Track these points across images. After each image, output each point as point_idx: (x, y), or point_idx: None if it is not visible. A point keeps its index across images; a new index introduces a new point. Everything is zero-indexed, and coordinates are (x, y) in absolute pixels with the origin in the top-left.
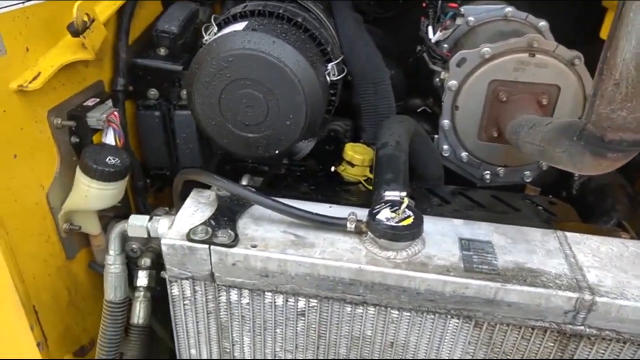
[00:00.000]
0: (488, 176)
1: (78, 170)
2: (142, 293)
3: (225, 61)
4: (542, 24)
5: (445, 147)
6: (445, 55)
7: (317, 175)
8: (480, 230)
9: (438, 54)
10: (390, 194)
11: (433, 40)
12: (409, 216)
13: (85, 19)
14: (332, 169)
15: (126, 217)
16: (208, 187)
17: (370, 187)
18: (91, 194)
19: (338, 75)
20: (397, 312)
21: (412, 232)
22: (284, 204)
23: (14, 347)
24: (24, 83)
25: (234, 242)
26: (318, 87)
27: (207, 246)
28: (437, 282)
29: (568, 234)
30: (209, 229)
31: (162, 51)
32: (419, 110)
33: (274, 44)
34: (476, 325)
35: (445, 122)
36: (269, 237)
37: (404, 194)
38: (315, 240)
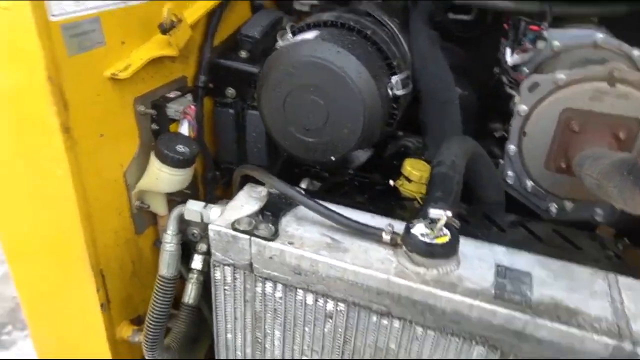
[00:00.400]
0: (554, 209)
1: (152, 154)
2: (195, 275)
3: (292, 67)
4: (637, 53)
5: (510, 173)
6: (521, 79)
7: (375, 188)
8: (522, 260)
9: (514, 77)
10: (435, 212)
11: (510, 63)
12: (445, 234)
13: (174, 19)
14: (391, 183)
15: None
16: (263, 184)
17: None
18: (161, 177)
19: (403, 90)
20: (421, 330)
21: (446, 251)
22: (324, 207)
23: (80, 306)
24: (116, 72)
25: (273, 237)
26: (378, 99)
27: (248, 237)
28: (464, 305)
29: (620, 277)
30: (253, 221)
31: (243, 54)
32: (497, 135)
33: (339, 54)
34: (502, 356)
35: (511, 148)
36: (307, 237)
37: (449, 213)
38: (350, 246)
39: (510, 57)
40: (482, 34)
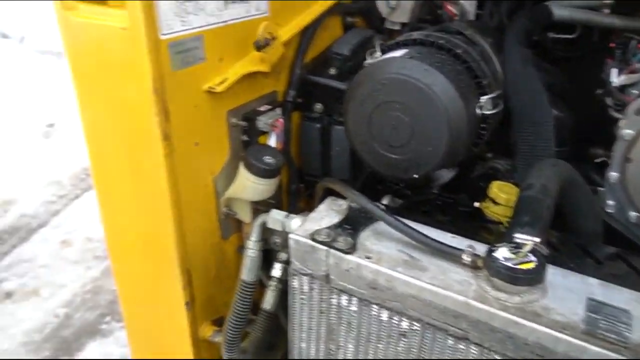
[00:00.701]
0: None
1: (241, 164)
2: (274, 283)
3: (379, 84)
4: None
5: (611, 202)
6: (628, 102)
7: (459, 209)
8: (619, 296)
9: (620, 99)
10: (521, 237)
11: (616, 84)
12: (530, 261)
13: (268, 37)
14: (476, 204)
15: None
16: (344, 197)
17: None
18: (248, 186)
19: (492, 109)
20: (500, 359)
21: (530, 278)
22: (403, 224)
23: (167, 303)
24: (214, 86)
25: (351, 250)
26: (464, 118)
27: (326, 248)
28: (549, 337)
29: None
30: (332, 233)
31: (333, 71)
32: (597, 161)
33: (426, 72)
34: None
35: (613, 175)
36: (384, 252)
37: (537, 239)
38: (428, 265)
39: (617, 78)
40: (584, 53)
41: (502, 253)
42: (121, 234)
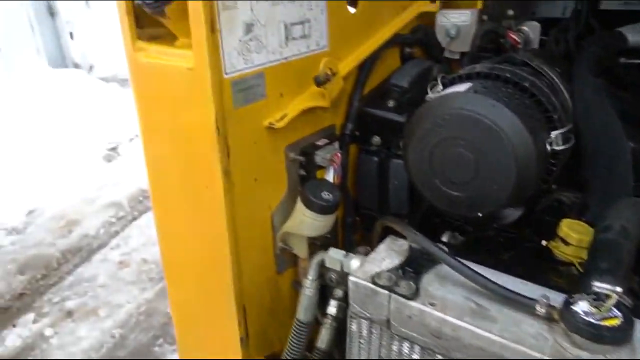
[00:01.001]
0: None
1: (298, 199)
2: (329, 321)
3: (441, 119)
4: None
5: None
6: None
7: (524, 246)
8: None
9: None
10: (601, 286)
11: None
12: (615, 316)
13: (328, 72)
14: (544, 243)
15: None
16: (404, 236)
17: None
18: (305, 222)
19: (563, 145)
20: None
21: (616, 336)
22: (471, 270)
23: (220, 335)
24: (274, 122)
25: (414, 295)
26: (533, 155)
27: (388, 293)
28: None
29: None
30: (393, 277)
31: (391, 103)
32: None
33: (493, 107)
34: None
35: None
36: (449, 299)
37: (619, 289)
38: (497, 315)
39: None
40: None
41: (582, 306)
42: (178, 263)
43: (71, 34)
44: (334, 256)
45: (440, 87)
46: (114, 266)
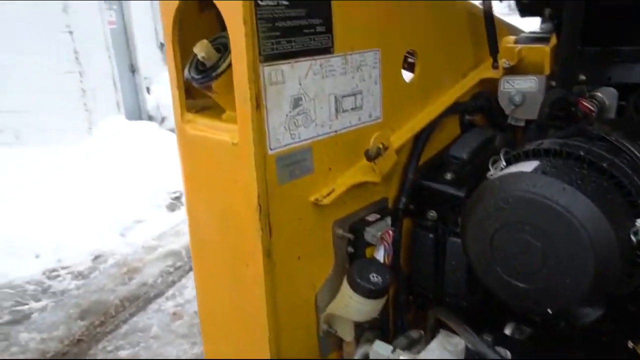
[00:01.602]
0: None
1: (345, 279)
2: None
3: (504, 202)
4: None
5: None
6: None
7: (604, 345)
8: None
9: None
10: None
11: None
12: None
13: (380, 146)
14: (629, 344)
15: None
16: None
17: None
18: (351, 305)
19: None
20: None
21: None
22: None
23: None
24: (320, 197)
25: None
26: (615, 247)
27: None
28: None
29: None
30: None
31: (449, 175)
32: None
33: (564, 192)
34: None
35: None
36: None
37: None
38: None
39: None
40: None
41: None
42: (216, 336)
43: (148, 89)
44: (379, 351)
45: (503, 163)
46: (167, 317)
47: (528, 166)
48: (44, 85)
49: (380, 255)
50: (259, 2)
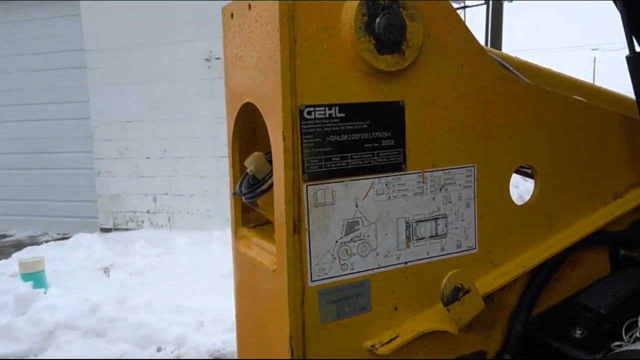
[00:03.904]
0: None
1: None
2: None
3: None
4: None
5: None
6: None
7: None
8: None
9: None
10: None
11: None
12: None
13: (459, 286)
14: None
15: None
16: None
17: None
18: None
19: None
20: None
21: None
22: None
23: None
24: (378, 344)
25: None
26: None
27: None
28: None
29: None
30: None
31: (578, 332)
32: None
33: None
34: None
35: None
36: None
37: None
38: None
39: None
40: None
41: None
42: None
43: None
44: None
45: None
46: None
47: None
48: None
49: None
50: (306, 115)
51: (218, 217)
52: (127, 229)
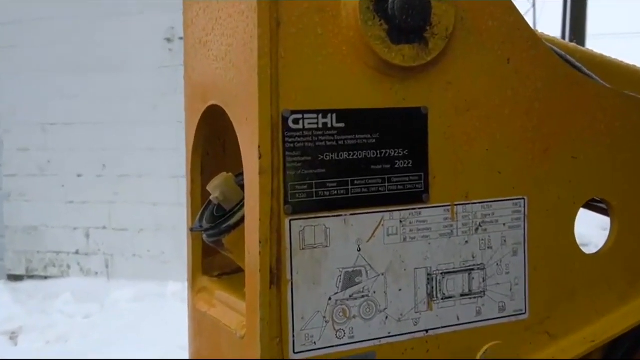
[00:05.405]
0: None
1: None
2: None
3: None
4: None
5: None
6: None
7: None
8: None
9: None
10: None
11: None
12: None
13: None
14: None
15: None
16: None
17: None
18: None
19: None
20: None
21: None
22: None
23: None
24: None
25: None
26: None
27: None
28: None
29: None
30: None
31: None
32: None
33: None
34: None
35: None
36: None
37: None
38: None
39: None
40: None
41: None
42: None
43: None
44: None
45: None
46: None
47: None
48: None
49: None
50: (291, 124)
51: (176, 262)
52: (45, 277)
